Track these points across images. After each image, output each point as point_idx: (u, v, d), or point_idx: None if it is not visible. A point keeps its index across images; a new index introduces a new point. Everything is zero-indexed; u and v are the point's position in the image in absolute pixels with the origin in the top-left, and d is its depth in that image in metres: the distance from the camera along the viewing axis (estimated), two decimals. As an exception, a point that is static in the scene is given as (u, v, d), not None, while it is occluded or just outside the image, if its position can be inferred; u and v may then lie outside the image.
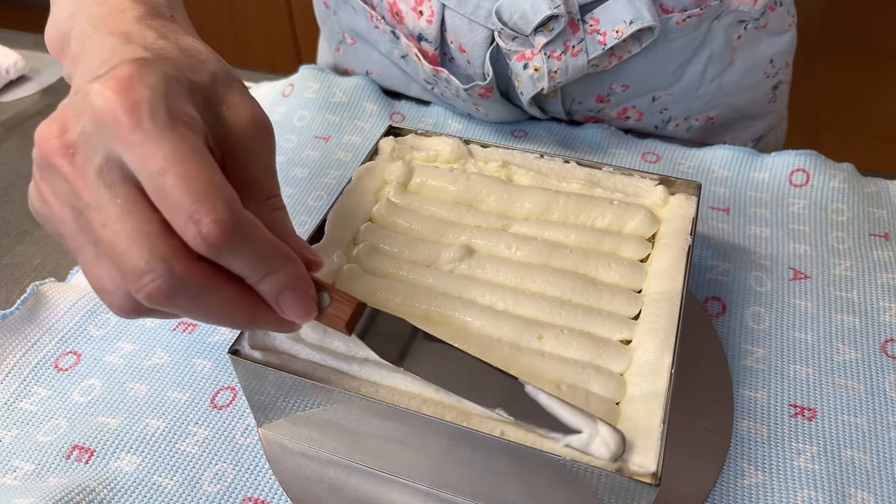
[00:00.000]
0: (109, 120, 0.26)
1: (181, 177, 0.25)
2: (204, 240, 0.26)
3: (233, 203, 0.26)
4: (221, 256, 0.27)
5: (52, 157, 0.27)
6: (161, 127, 0.26)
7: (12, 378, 0.45)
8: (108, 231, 0.26)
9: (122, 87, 0.26)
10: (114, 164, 0.26)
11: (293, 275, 0.30)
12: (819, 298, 0.48)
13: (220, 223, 0.26)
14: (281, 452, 0.40)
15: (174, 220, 0.26)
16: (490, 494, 0.37)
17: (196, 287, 0.27)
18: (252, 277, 0.29)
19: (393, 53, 0.62)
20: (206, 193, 0.26)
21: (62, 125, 0.27)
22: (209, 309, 0.28)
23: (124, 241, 0.26)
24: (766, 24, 0.60)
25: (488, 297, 0.39)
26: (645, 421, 0.33)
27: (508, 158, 0.48)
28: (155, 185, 0.26)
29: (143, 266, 0.26)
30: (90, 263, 0.28)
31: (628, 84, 0.59)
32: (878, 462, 0.40)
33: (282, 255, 0.29)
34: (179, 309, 0.28)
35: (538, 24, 0.52)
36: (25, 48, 0.79)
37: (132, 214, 0.26)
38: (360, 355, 0.37)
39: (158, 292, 0.26)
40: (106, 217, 0.26)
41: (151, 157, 0.26)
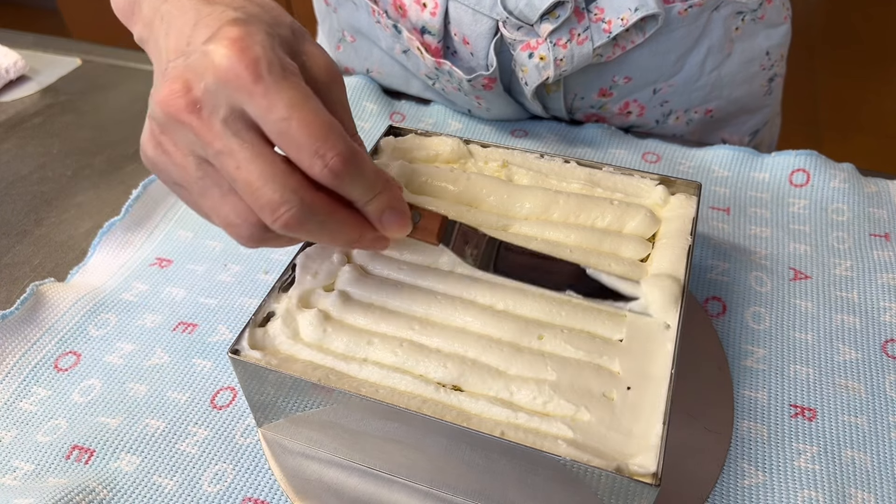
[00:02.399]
0: (232, 76, 0.29)
1: (303, 120, 0.29)
2: (330, 171, 0.30)
3: (347, 138, 0.30)
4: (341, 184, 0.31)
5: (179, 113, 0.30)
6: (278, 79, 0.29)
7: (12, 378, 0.45)
8: (242, 172, 0.30)
9: (239, 47, 0.29)
10: (238, 115, 0.30)
11: (393, 196, 0.34)
12: (819, 298, 0.48)
13: (341, 156, 0.30)
14: (281, 452, 0.40)
15: (300, 158, 0.30)
16: (490, 494, 0.37)
17: (322, 213, 0.31)
18: (362, 200, 0.33)
19: (394, 49, 0.62)
20: (326, 132, 0.30)
21: (186, 84, 0.30)
22: (331, 230, 0.33)
23: (257, 179, 0.30)
24: (763, 15, 0.61)
25: (488, 297, 0.39)
26: (645, 421, 0.33)
27: (508, 158, 0.48)
28: (280, 129, 0.29)
29: (278, 199, 0.30)
30: (216, 203, 0.32)
31: (631, 76, 0.59)
32: (878, 462, 0.40)
33: (384, 180, 0.33)
34: (307, 233, 0.32)
35: (544, 11, 0.52)
36: (25, 48, 0.79)
37: (261, 157, 0.30)
38: (359, 355, 0.37)
39: (294, 220, 0.30)
40: (238, 160, 0.30)
41: (274, 106, 0.29)
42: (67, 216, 0.58)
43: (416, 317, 0.38)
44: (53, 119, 0.70)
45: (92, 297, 0.50)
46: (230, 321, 0.48)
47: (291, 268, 0.40)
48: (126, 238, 0.55)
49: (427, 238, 0.37)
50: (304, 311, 0.38)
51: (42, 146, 0.66)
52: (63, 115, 0.70)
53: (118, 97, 0.73)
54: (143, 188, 0.57)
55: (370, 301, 0.39)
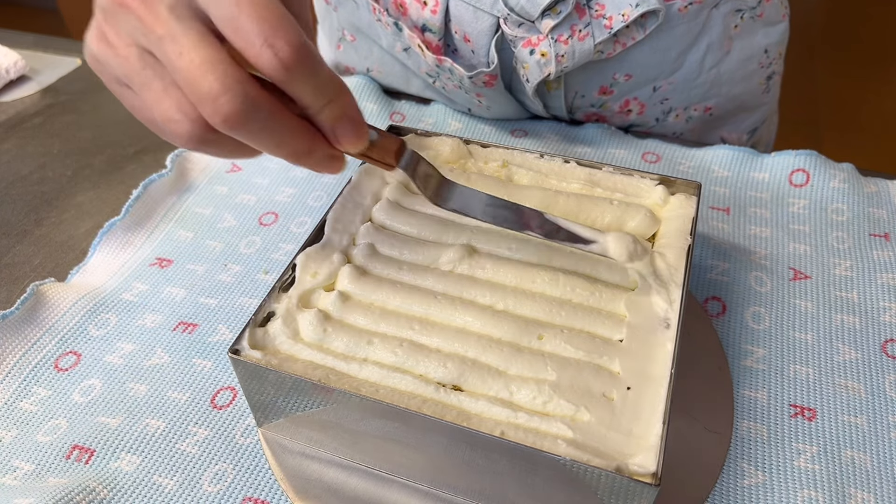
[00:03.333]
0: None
1: (253, 6, 0.28)
2: (280, 61, 0.28)
3: (301, 32, 0.29)
4: (291, 79, 0.29)
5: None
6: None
7: (12, 378, 0.45)
8: (183, 59, 0.28)
9: None
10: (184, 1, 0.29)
11: (348, 104, 0.32)
12: (819, 298, 0.48)
13: (293, 46, 0.28)
14: (281, 452, 0.40)
15: (248, 47, 0.28)
16: (490, 494, 0.37)
17: (267, 110, 0.29)
18: (314, 105, 0.31)
19: (395, 47, 0.62)
20: (278, 21, 0.28)
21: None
22: (276, 134, 0.30)
23: (199, 66, 0.28)
24: (762, 13, 0.61)
25: (488, 297, 0.39)
26: (645, 421, 0.33)
27: (508, 158, 0.48)
28: (228, 15, 0.28)
29: (218, 87, 0.28)
30: (157, 96, 0.30)
31: (631, 73, 0.60)
32: (878, 462, 0.40)
33: (338, 86, 0.31)
34: (251, 134, 0.30)
35: (545, 7, 0.52)
36: (25, 48, 0.79)
37: (205, 44, 0.28)
38: (359, 355, 0.37)
39: (234, 113, 0.28)
40: (181, 46, 0.28)
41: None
42: (67, 216, 0.58)
43: (416, 317, 0.38)
44: (53, 119, 0.70)
45: (92, 297, 0.50)
46: (230, 321, 0.48)
47: (291, 268, 0.40)
48: (126, 238, 0.55)
49: (384, 158, 0.35)
50: (304, 311, 0.38)
51: (42, 146, 0.66)
52: (63, 115, 0.70)
53: (118, 97, 0.73)
54: (143, 188, 0.57)
55: (370, 301, 0.39)
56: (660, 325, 0.37)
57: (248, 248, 0.54)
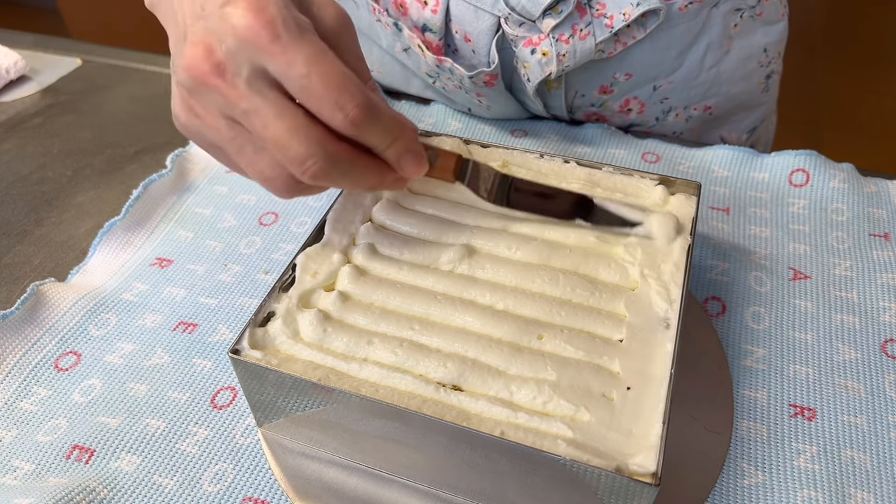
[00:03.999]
0: (251, 36, 0.30)
1: (322, 75, 0.31)
2: (351, 122, 0.32)
3: (364, 89, 0.32)
4: (361, 133, 0.33)
5: (204, 77, 0.32)
6: (294, 36, 0.31)
7: (12, 378, 0.45)
8: (269, 130, 0.32)
9: (255, 7, 0.30)
10: (260, 73, 0.31)
11: (409, 139, 0.35)
12: (819, 298, 0.48)
13: (360, 106, 0.31)
14: (281, 452, 0.40)
15: (322, 111, 0.31)
16: (490, 494, 0.37)
17: (346, 161, 0.33)
18: (381, 146, 0.34)
19: (395, 47, 0.62)
20: (343, 85, 0.31)
21: (208, 48, 0.31)
22: (354, 177, 0.35)
23: (284, 134, 0.31)
24: (762, 12, 0.62)
25: (488, 297, 0.39)
26: (645, 421, 0.33)
27: (508, 158, 0.48)
28: (300, 85, 0.31)
29: (304, 152, 0.32)
30: (252, 159, 0.34)
31: (631, 72, 0.60)
32: (878, 462, 0.40)
33: (400, 125, 0.35)
34: (333, 181, 0.34)
35: (546, 6, 0.52)
36: (25, 48, 0.79)
37: (285, 113, 0.31)
38: (359, 355, 0.37)
39: (320, 171, 0.32)
40: (265, 118, 0.32)
41: (293, 62, 0.30)
42: (67, 216, 0.59)
43: (416, 317, 0.38)
44: (53, 119, 0.70)
45: (92, 297, 0.50)
46: (230, 321, 0.48)
47: (291, 268, 0.40)
48: (126, 238, 0.55)
49: (445, 175, 0.39)
50: (304, 311, 0.38)
51: (42, 146, 0.66)
52: (63, 115, 0.70)
53: (118, 97, 0.73)
54: (143, 188, 0.57)
55: (370, 301, 0.39)
56: (660, 325, 0.37)
57: (248, 248, 0.54)
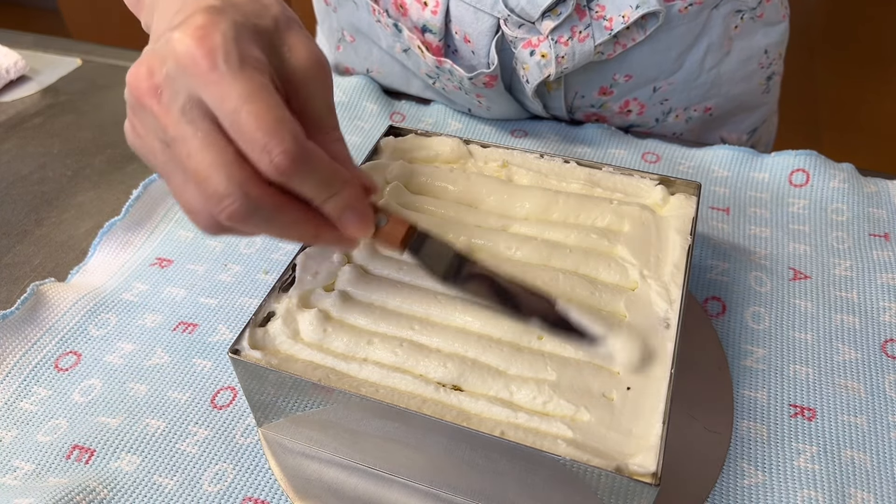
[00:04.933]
0: (189, 63, 0.29)
1: (253, 114, 0.29)
2: (275, 168, 0.29)
3: (298, 135, 0.30)
4: (290, 181, 0.30)
5: (142, 97, 0.31)
6: (234, 69, 0.29)
7: (12, 378, 0.45)
8: (192, 161, 0.30)
9: (199, 35, 0.29)
10: (195, 102, 0.30)
11: (353, 196, 0.33)
12: (819, 298, 0.48)
13: (287, 153, 0.29)
14: (281, 452, 0.40)
15: (248, 151, 0.30)
16: (490, 494, 0.37)
17: (268, 208, 0.31)
18: (317, 199, 0.32)
19: (395, 48, 0.62)
20: (275, 128, 0.29)
21: (149, 69, 0.31)
22: (280, 226, 0.32)
23: (206, 169, 0.30)
24: (762, 14, 0.61)
25: (488, 297, 0.39)
26: (645, 421, 0.33)
27: (508, 158, 0.48)
28: (231, 121, 0.29)
29: (222, 191, 0.30)
30: (179, 188, 0.32)
31: (631, 74, 0.60)
32: (878, 462, 0.40)
33: (342, 179, 0.33)
34: (254, 227, 0.32)
35: (546, 8, 0.52)
36: (25, 48, 0.79)
37: (212, 146, 0.30)
38: (359, 355, 0.37)
39: (237, 213, 0.30)
40: (189, 148, 0.30)
41: (227, 96, 0.29)
42: (67, 216, 0.59)
43: (416, 317, 0.38)
44: (53, 119, 0.70)
45: (92, 297, 0.50)
46: (230, 321, 0.48)
47: (291, 268, 0.40)
48: (126, 238, 0.55)
49: (390, 243, 0.36)
50: (304, 311, 0.38)
51: (42, 146, 0.66)
52: (63, 115, 0.70)
53: (118, 97, 0.73)
54: (143, 188, 0.57)
55: (370, 301, 0.39)
56: (660, 325, 0.37)
57: (248, 248, 0.54)
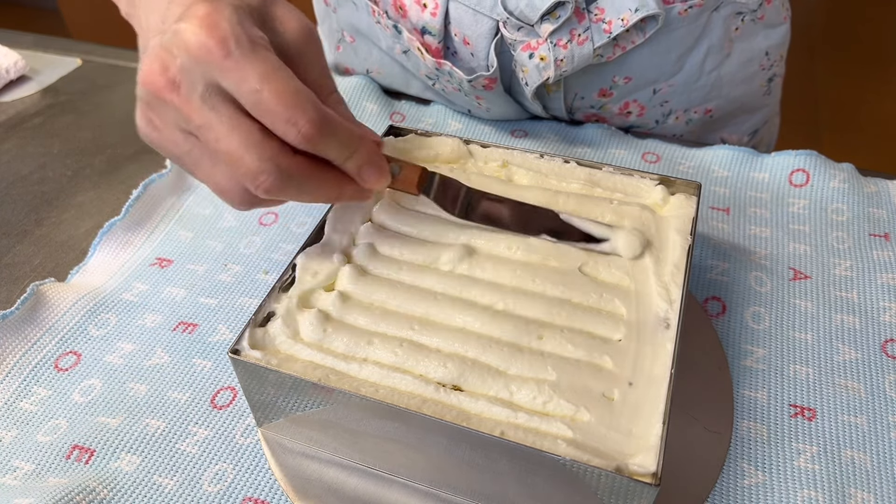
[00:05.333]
0: (204, 53, 0.30)
1: (274, 91, 0.31)
2: (304, 137, 0.32)
3: (317, 103, 0.32)
4: (317, 147, 0.33)
5: (160, 92, 0.32)
6: (247, 52, 0.31)
7: (12, 378, 0.45)
8: (222, 144, 0.32)
9: (207, 23, 0.31)
10: (214, 89, 0.31)
11: (369, 151, 0.36)
12: (819, 298, 0.48)
13: (312, 122, 0.31)
14: (281, 452, 0.40)
15: (275, 126, 0.31)
16: (490, 494, 0.37)
17: (300, 176, 0.33)
18: (339, 159, 0.35)
19: (394, 49, 0.62)
20: (296, 100, 0.31)
21: (163, 64, 0.32)
22: (310, 191, 0.35)
23: (237, 149, 0.32)
24: (763, 16, 0.61)
25: (488, 297, 0.39)
26: (645, 421, 0.33)
27: (508, 158, 0.48)
28: (253, 101, 0.31)
29: (256, 168, 0.32)
30: (208, 172, 0.34)
31: (631, 76, 0.59)
32: (878, 462, 0.40)
33: (358, 138, 0.35)
34: (288, 195, 0.34)
35: (545, 11, 0.52)
36: (25, 48, 0.79)
37: (238, 128, 0.32)
38: (359, 355, 0.37)
39: (273, 185, 0.32)
40: (218, 133, 0.32)
41: (245, 78, 0.31)
42: (67, 216, 0.59)
43: (416, 317, 0.38)
44: (53, 119, 0.70)
45: (92, 297, 0.50)
46: (230, 321, 0.48)
47: (291, 268, 0.40)
48: (126, 238, 0.55)
49: (408, 188, 0.39)
50: (304, 311, 0.38)
51: (42, 146, 0.66)
52: (63, 115, 0.70)
53: (118, 97, 0.73)
54: (143, 188, 0.57)
55: (370, 301, 0.39)
56: (660, 325, 0.37)
57: (248, 248, 0.54)
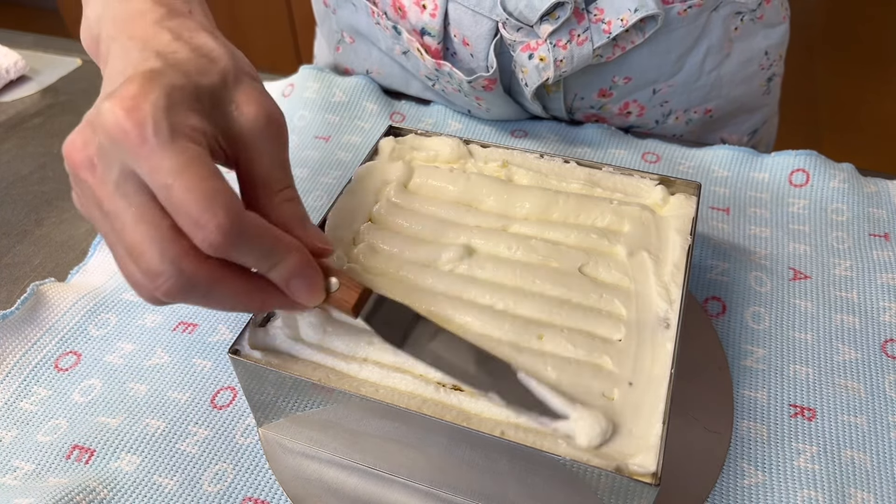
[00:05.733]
0: (120, 136, 0.28)
1: (185, 187, 0.28)
2: (209, 244, 0.28)
3: (233, 207, 0.29)
4: (227, 255, 0.29)
5: (77, 169, 0.30)
6: (163, 141, 0.28)
7: (12, 378, 0.45)
8: (126, 235, 0.29)
9: (128, 106, 0.28)
10: (128, 175, 0.29)
11: (299, 263, 0.32)
12: (819, 298, 0.48)
13: (221, 228, 0.28)
14: (281, 452, 0.40)
15: (183, 225, 0.28)
16: (490, 494, 0.37)
17: (205, 283, 0.30)
18: (260, 269, 0.31)
19: (394, 50, 0.62)
20: (208, 201, 0.28)
21: (84, 140, 0.30)
22: (221, 299, 0.31)
23: (139, 244, 0.29)
24: (762, 15, 0.61)
25: (488, 297, 0.39)
26: (645, 421, 0.33)
27: (508, 158, 0.48)
28: (164, 195, 0.28)
29: (155, 267, 0.29)
30: (121, 259, 0.31)
31: (630, 76, 0.60)
32: (878, 462, 0.40)
33: (285, 247, 0.31)
34: (193, 302, 0.31)
35: (544, 12, 0.52)
36: (25, 48, 0.79)
37: (145, 221, 0.29)
38: (359, 355, 0.37)
39: (172, 290, 0.29)
40: (124, 223, 0.29)
41: (158, 169, 0.28)
42: (68, 216, 0.59)
43: (416, 317, 0.38)
44: (54, 119, 0.70)
45: (92, 296, 0.50)
46: (230, 321, 0.48)
47: (291, 268, 0.40)
48: (126, 238, 0.55)
49: (343, 309, 0.35)
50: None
51: (42, 146, 0.66)
52: (63, 115, 0.70)
53: (118, 97, 0.73)
54: (143, 188, 0.57)
55: (370, 301, 0.39)
56: (660, 325, 0.37)
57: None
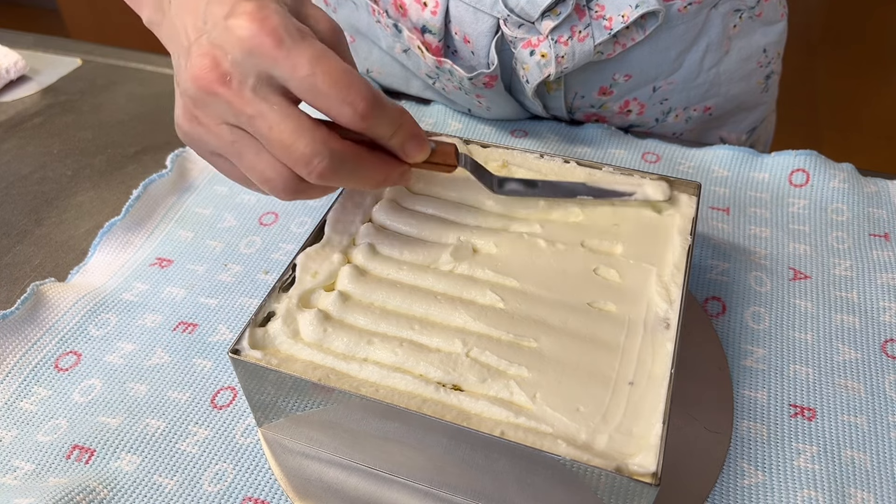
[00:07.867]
0: (256, 46, 0.32)
1: (326, 74, 0.32)
2: (360, 116, 0.33)
3: (366, 83, 0.33)
4: (370, 125, 0.34)
5: (211, 86, 0.33)
6: (297, 40, 0.32)
7: (12, 378, 0.45)
8: (275, 132, 0.33)
9: (259, 18, 0.32)
10: (265, 80, 0.33)
11: (412, 124, 0.37)
12: (819, 298, 0.48)
13: (367, 100, 0.33)
14: (281, 452, 0.40)
15: (329, 108, 0.33)
16: (490, 494, 0.37)
17: (352, 159, 0.35)
18: (386, 136, 0.36)
19: (394, 48, 0.62)
20: (349, 81, 0.33)
21: (214, 59, 0.33)
22: (361, 175, 0.36)
23: (289, 136, 0.33)
24: (761, 13, 0.62)
25: (488, 297, 0.39)
26: (645, 421, 0.33)
27: (508, 158, 0.48)
28: (307, 85, 0.32)
29: (310, 152, 0.33)
30: (252, 162, 0.35)
31: (631, 74, 0.60)
32: (878, 462, 0.40)
33: (400, 112, 0.36)
34: (340, 180, 0.35)
35: (545, 8, 0.52)
36: (25, 48, 0.79)
37: (290, 116, 0.33)
38: (359, 355, 0.37)
39: (327, 169, 0.34)
40: (270, 122, 0.33)
41: (298, 65, 0.32)
42: (67, 216, 0.59)
43: (415, 317, 0.38)
44: (53, 119, 0.70)
45: (92, 297, 0.50)
46: (230, 321, 0.48)
47: (291, 268, 0.40)
48: (126, 238, 0.55)
49: (446, 160, 0.40)
50: (304, 311, 0.38)
51: (42, 146, 0.66)
52: (63, 115, 0.70)
53: (118, 97, 0.73)
54: (143, 188, 0.57)
55: (370, 301, 0.39)
56: (660, 325, 0.37)
57: (248, 248, 0.54)
